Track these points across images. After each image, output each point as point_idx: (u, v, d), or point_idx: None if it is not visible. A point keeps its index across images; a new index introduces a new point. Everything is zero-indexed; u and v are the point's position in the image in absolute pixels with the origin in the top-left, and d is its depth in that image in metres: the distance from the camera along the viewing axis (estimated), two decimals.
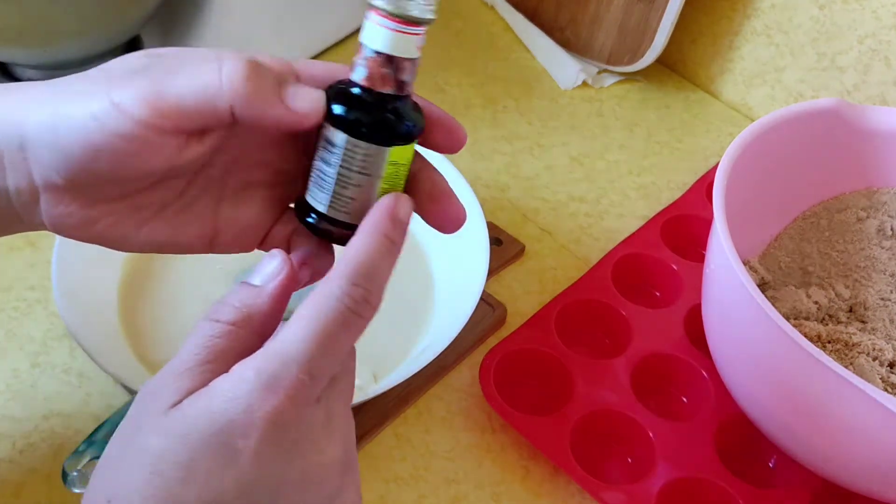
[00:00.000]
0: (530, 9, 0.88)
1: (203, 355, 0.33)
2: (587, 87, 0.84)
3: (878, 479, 0.49)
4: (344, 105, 0.35)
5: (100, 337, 0.53)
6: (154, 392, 0.33)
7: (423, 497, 0.54)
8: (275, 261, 0.35)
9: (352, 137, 0.35)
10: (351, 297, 0.33)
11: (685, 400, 0.60)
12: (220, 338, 0.33)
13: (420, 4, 0.34)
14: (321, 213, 0.36)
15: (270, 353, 0.32)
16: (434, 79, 0.82)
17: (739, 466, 0.55)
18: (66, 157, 0.34)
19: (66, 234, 0.37)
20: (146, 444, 0.31)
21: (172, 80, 0.34)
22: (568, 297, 0.63)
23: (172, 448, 0.31)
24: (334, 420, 0.34)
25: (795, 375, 0.47)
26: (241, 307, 0.34)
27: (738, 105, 0.85)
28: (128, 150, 0.34)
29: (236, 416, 0.31)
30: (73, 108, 0.34)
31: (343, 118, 0.35)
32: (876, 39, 0.74)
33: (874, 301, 0.59)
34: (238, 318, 0.34)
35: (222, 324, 0.34)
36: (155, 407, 0.32)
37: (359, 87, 0.35)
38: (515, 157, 0.76)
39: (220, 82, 0.33)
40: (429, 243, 0.64)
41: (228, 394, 0.31)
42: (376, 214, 0.35)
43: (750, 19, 0.80)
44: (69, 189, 0.36)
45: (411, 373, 0.53)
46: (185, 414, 0.31)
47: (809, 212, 0.63)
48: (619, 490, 0.53)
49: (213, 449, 0.31)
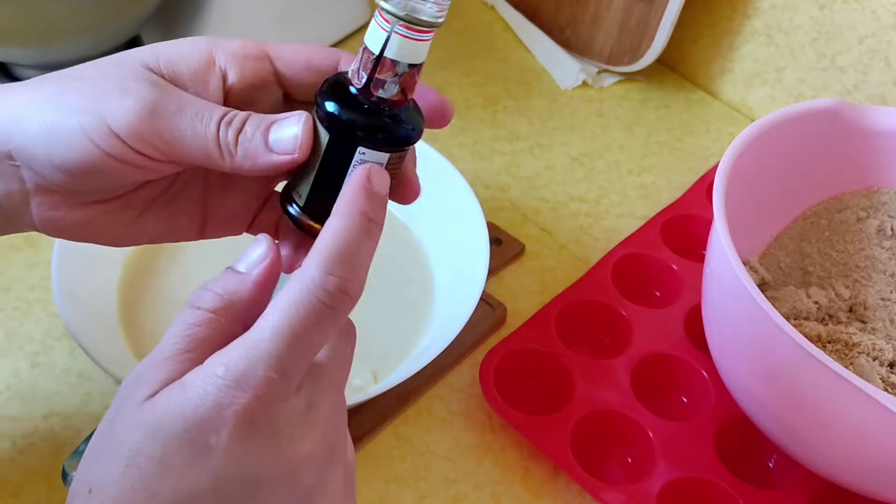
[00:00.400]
0: (530, 9, 0.88)
1: (182, 344, 0.32)
2: (587, 87, 0.84)
3: (878, 479, 0.49)
4: (338, 106, 0.33)
5: (100, 337, 0.53)
6: (133, 383, 0.32)
7: (423, 497, 0.54)
8: (260, 247, 0.34)
9: (340, 140, 0.34)
10: (325, 289, 0.31)
11: (685, 400, 0.60)
12: (200, 326, 0.32)
13: (430, 8, 0.33)
14: (301, 205, 0.35)
15: (241, 350, 0.31)
16: (434, 79, 0.82)
17: (739, 466, 0.55)
18: (59, 168, 0.34)
19: (58, 235, 0.38)
20: (122, 437, 0.31)
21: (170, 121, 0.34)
22: (568, 297, 0.63)
23: (146, 442, 0.31)
24: (315, 411, 0.33)
25: (795, 375, 0.47)
26: (223, 294, 0.33)
27: (738, 105, 0.85)
28: (120, 169, 0.34)
29: (207, 413, 0.31)
30: (66, 121, 0.34)
31: (336, 121, 0.34)
32: (876, 39, 0.74)
33: (874, 301, 0.59)
34: (219, 306, 0.33)
35: (203, 311, 0.33)
36: (132, 398, 0.32)
37: (357, 89, 0.34)
38: (515, 157, 0.76)
39: (218, 151, 0.34)
40: (429, 243, 0.65)
41: (199, 389, 0.31)
42: (349, 191, 0.33)
43: (750, 19, 0.80)
44: (61, 193, 0.36)
45: (411, 373, 0.53)
46: (156, 408, 0.31)
47: (809, 212, 0.63)
48: (619, 490, 0.53)
49: (185, 444, 0.31)
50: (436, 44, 0.35)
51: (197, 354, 0.32)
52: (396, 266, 0.63)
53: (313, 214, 0.35)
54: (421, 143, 0.70)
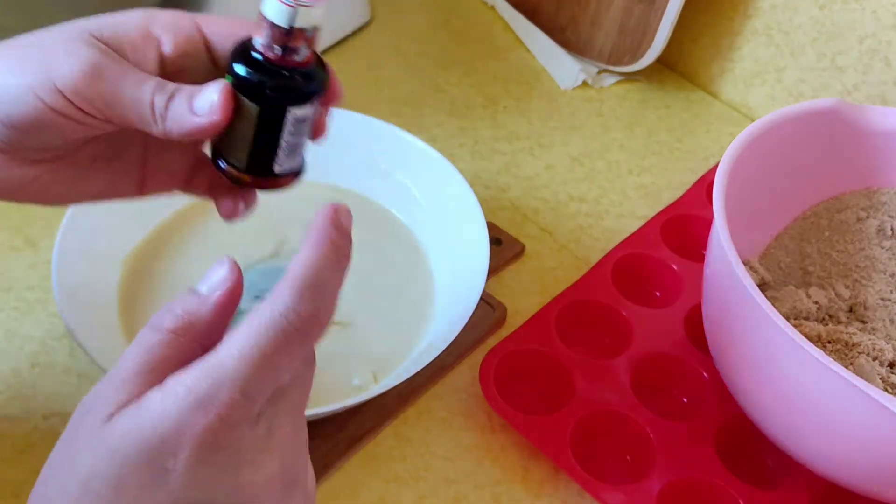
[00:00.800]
0: (530, 9, 0.88)
1: (141, 366, 0.32)
2: (587, 87, 0.84)
3: (878, 479, 0.49)
4: (244, 67, 0.36)
5: (100, 337, 0.53)
6: (91, 402, 0.32)
7: (423, 497, 0.54)
8: (222, 269, 0.34)
9: (250, 100, 0.36)
10: (296, 312, 0.31)
11: (685, 400, 0.60)
12: (159, 346, 0.32)
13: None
14: (242, 166, 0.38)
15: (205, 370, 0.31)
16: (434, 79, 0.82)
17: (739, 466, 0.55)
18: (7, 125, 0.37)
19: (3, 196, 0.39)
20: (78, 459, 0.31)
21: (111, 85, 0.36)
22: (568, 297, 0.63)
23: (102, 464, 0.30)
24: (276, 436, 0.33)
25: (795, 375, 0.47)
26: (184, 315, 0.33)
27: (738, 105, 0.85)
28: (64, 124, 0.37)
29: (166, 435, 0.30)
30: (17, 81, 0.36)
31: (243, 82, 0.36)
32: (876, 39, 0.74)
33: (874, 301, 0.59)
34: (179, 326, 0.33)
35: (162, 332, 0.32)
36: (90, 420, 0.31)
37: (258, 52, 0.36)
38: (515, 157, 0.76)
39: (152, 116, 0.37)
40: (429, 243, 0.65)
41: (158, 409, 0.30)
42: (320, 223, 0.34)
43: (750, 19, 0.80)
44: (7, 152, 0.38)
45: (411, 373, 0.53)
46: (113, 430, 0.30)
47: (809, 212, 0.63)
48: (619, 490, 0.53)
49: (141, 467, 0.30)
50: (436, 44, 0.36)
51: (156, 375, 0.32)
52: (396, 266, 0.63)
53: (254, 170, 0.38)
54: (421, 144, 0.70)
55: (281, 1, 0.35)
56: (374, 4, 0.88)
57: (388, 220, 0.66)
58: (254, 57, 0.36)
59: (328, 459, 0.53)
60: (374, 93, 0.80)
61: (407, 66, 0.83)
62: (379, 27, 0.87)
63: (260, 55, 0.36)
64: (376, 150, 0.66)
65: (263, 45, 0.36)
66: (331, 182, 0.66)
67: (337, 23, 0.83)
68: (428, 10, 0.90)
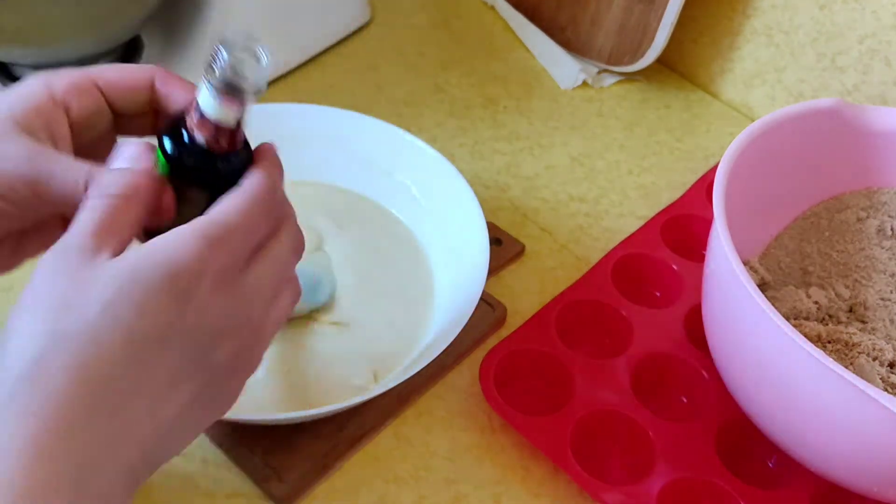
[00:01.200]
0: (530, 9, 0.88)
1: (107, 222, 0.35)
2: (587, 87, 0.84)
3: (878, 479, 0.49)
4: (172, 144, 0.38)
5: None
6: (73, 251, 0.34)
7: (423, 497, 0.54)
8: (132, 145, 0.38)
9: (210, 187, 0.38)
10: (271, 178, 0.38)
11: (685, 400, 0.60)
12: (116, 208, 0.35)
13: (250, 82, 0.36)
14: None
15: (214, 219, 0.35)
16: (434, 79, 0.82)
17: (739, 466, 0.55)
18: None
19: None
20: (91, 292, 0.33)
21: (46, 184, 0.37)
22: (568, 297, 0.63)
23: (123, 288, 0.33)
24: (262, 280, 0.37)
25: (795, 375, 0.47)
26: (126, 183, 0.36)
27: (738, 105, 0.85)
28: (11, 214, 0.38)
29: (190, 265, 0.34)
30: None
31: (169, 158, 0.38)
32: (876, 39, 0.74)
33: (874, 301, 0.59)
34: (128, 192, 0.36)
35: (113, 197, 0.35)
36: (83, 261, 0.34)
37: (187, 132, 0.38)
38: (515, 157, 0.76)
39: None
40: (429, 243, 0.65)
41: (178, 245, 0.34)
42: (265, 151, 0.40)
43: (750, 19, 0.80)
44: None
45: (411, 373, 0.53)
46: (128, 261, 0.34)
47: (809, 212, 0.63)
48: (619, 490, 0.53)
49: (164, 292, 0.33)
50: (436, 44, 0.36)
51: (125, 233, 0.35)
52: (396, 266, 0.63)
53: None
54: (421, 144, 0.70)
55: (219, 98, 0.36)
56: (374, 4, 0.88)
57: (388, 220, 0.66)
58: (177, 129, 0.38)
59: (328, 459, 0.53)
60: (374, 93, 0.80)
61: (407, 66, 0.83)
62: (379, 27, 0.87)
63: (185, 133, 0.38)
64: (376, 150, 0.66)
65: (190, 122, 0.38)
66: (331, 182, 0.66)
67: (337, 23, 0.83)
68: (428, 10, 0.90)
